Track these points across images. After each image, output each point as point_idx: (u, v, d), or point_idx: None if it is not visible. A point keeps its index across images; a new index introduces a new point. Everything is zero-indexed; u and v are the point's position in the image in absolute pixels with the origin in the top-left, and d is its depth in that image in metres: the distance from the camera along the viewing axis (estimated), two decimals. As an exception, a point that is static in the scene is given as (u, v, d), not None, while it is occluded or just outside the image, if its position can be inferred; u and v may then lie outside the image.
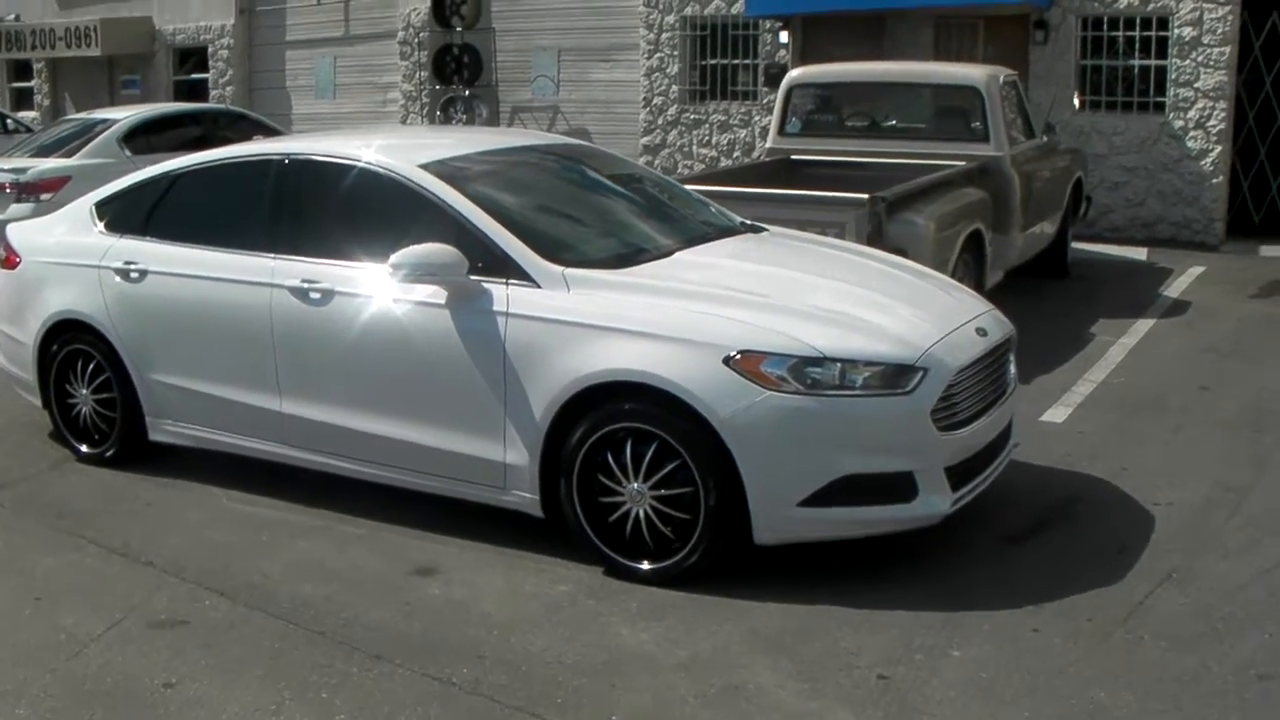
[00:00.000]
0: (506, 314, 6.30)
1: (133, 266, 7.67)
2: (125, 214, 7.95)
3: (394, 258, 6.35)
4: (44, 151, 15.40)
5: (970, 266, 10.42)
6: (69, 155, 14.97)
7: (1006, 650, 5.43)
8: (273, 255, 7.08)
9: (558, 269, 6.32)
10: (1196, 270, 14.00)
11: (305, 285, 6.90)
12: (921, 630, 5.60)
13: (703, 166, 18.78)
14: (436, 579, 6.25)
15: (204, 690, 5.18)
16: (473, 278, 6.37)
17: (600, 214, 7.43)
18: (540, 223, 6.83)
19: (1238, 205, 16.22)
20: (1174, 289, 13.10)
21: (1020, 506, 7.02)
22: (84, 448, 8.13)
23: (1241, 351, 10.48)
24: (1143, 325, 11.44)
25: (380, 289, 6.64)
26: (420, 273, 6.36)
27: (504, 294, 6.34)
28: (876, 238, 9.20)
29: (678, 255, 6.90)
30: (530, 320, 6.26)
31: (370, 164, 6.97)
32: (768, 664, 5.34)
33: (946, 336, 6.30)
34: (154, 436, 7.82)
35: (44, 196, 14.20)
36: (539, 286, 6.29)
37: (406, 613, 5.86)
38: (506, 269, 6.36)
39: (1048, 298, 12.25)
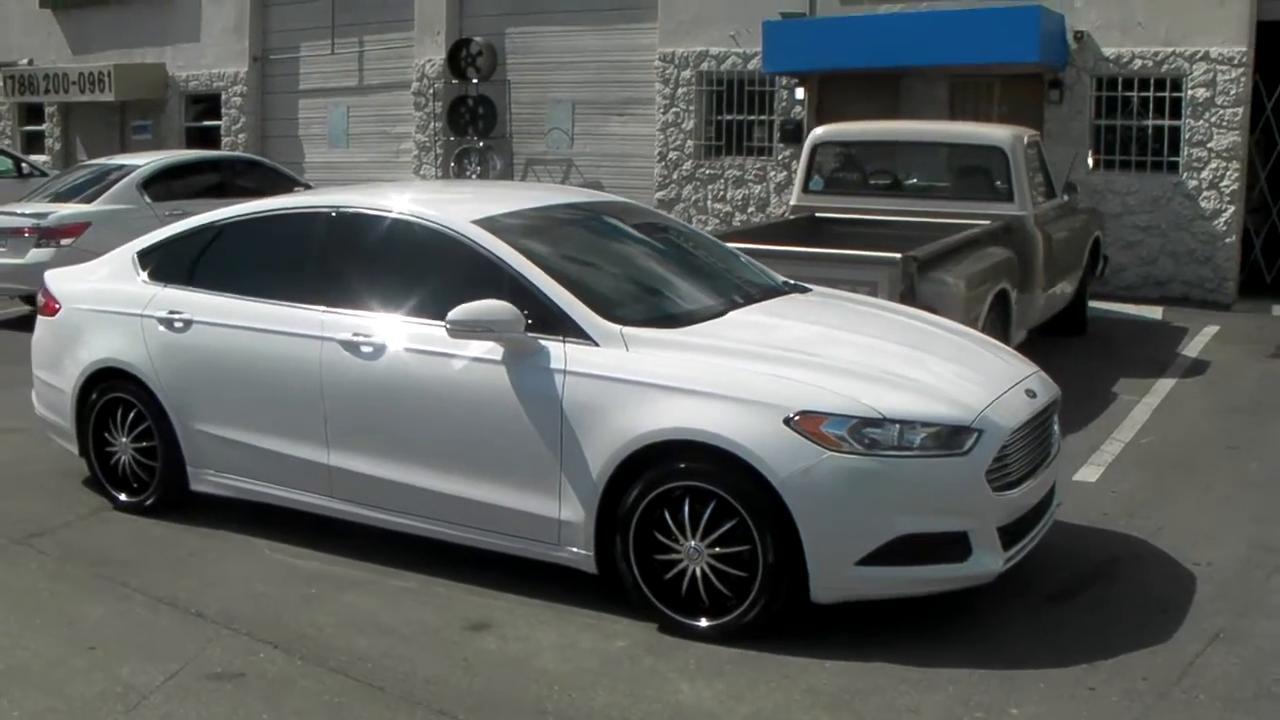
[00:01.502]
0: (565, 371, 6.32)
1: (177, 316, 7.69)
2: (169, 263, 7.98)
3: (452, 314, 6.37)
4: (62, 197, 15.44)
5: (996, 326, 10.46)
6: (88, 200, 15.00)
7: (1065, 708, 5.45)
8: (323, 308, 7.11)
9: (616, 328, 6.37)
10: (1212, 329, 14.06)
11: (357, 339, 6.92)
12: (978, 688, 5.62)
13: (717, 221, 18.85)
14: (491, 634, 6.23)
15: (268, 743, 5.09)
16: (530, 335, 6.39)
17: (651, 272, 7.48)
18: (595, 281, 6.87)
19: (1249, 265, 16.29)
20: (1191, 348, 13.17)
21: (1062, 565, 7.04)
22: (122, 496, 8.11)
23: (1265, 411, 10.57)
24: (1164, 384, 11.49)
25: (434, 344, 6.66)
26: (478, 329, 6.39)
27: (561, 351, 6.37)
28: (909, 296, 9.25)
29: (731, 315, 6.96)
30: (589, 378, 6.27)
31: (423, 219, 7.00)
32: (829, 721, 5.29)
33: (999, 398, 6.35)
34: (195, 486, 7.79)
35: (64, 241, 14.25)
36: (597, 345, 6.33)
37: (465, 668, 5.85)
38: (564, 327, 6.40)
39: (1068, 356, 12.30)
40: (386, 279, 7.06)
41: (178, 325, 7.64)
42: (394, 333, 6.82)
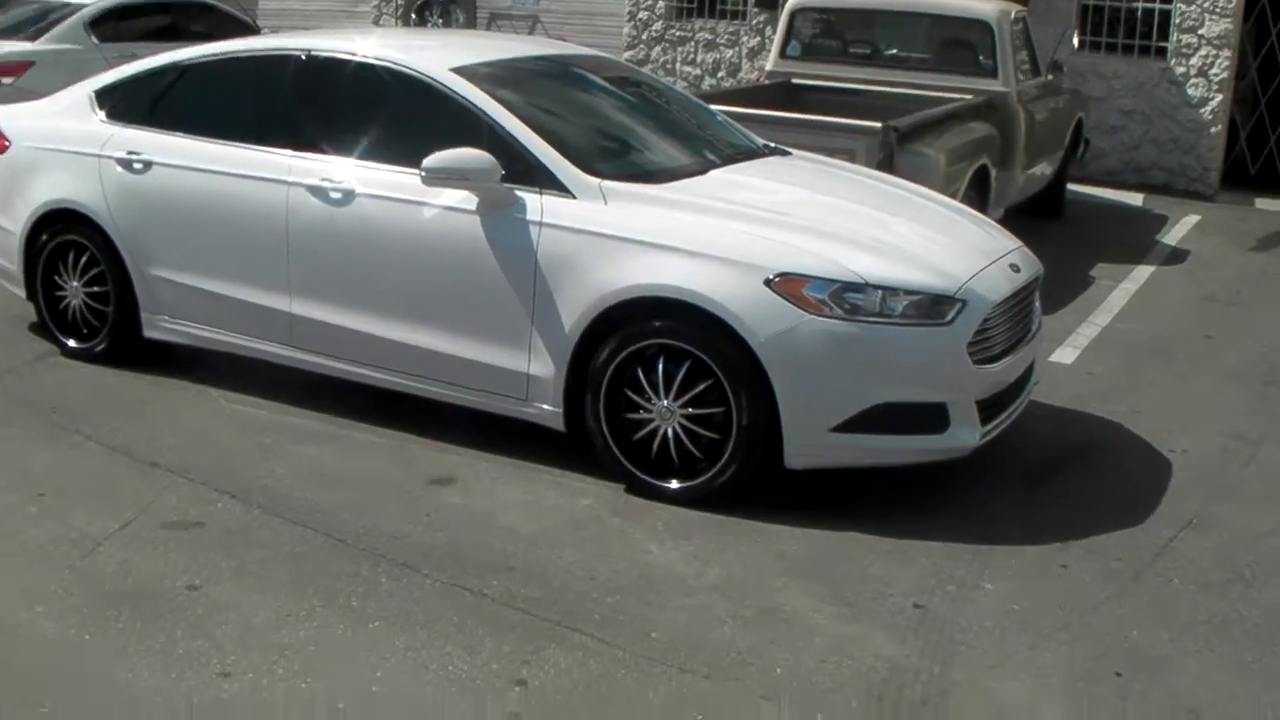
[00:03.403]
0: (540, 223, 6.35)
1: (136, 157, 7.59)
2: (129, 103, 7.82)
3: (427, 161, 6.36)
4: (3, 35, 15.07)
5: (974, 202, 10.44)
6: (31, 39, 14.66)
7: (1038, 585, 5.56)
8: (291, 152, 7.06)
9: (594, 181, 6.38)
10: (1193, 219, 14.14)
11: (325, 184, 6.90)
12: (951, 562, 5.73)
13: (685, 85, 18.74)
14: (455, 489, 6.30)
15: (230, 594, 5.21)
16: (506, 185, 6.39)
17: (629, 128, 7.46)
18: (573, 133, 6.86)
19: (1233, 156, 16.34)
20: (1171, 237, 13.25)
21: (1037, 446, 7.14)
22: (71, 342, 8.03)
23: (1243, 303, 10.67)
24: (1143, 271, 11.59)
25: (406, 191, 6.65)
26: (453, 177, 6.39)
27: (538, 203, 6.38)
28: (887, 167, 9.23)
29: (712, 174, 6.98)
30: (565, 231, 6.30)
31: (399, 65, 6.97)
32: (801, 588, 5.45)
33: (983, 270, 6.41)
34: (149, 333, 7.73)
35: (5, 80, 13.95)
36: (574, 197, 6.34)
37: (428, 523, 5.92)
38: (541, 178, 6.41)
39: (1045, 239, 12.04)
40: (358, 125, 7.03)
41: (136, 166, 7.58)
42: (364, 179, 6.82)
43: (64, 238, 7.93)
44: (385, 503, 6.10)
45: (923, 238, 6.62)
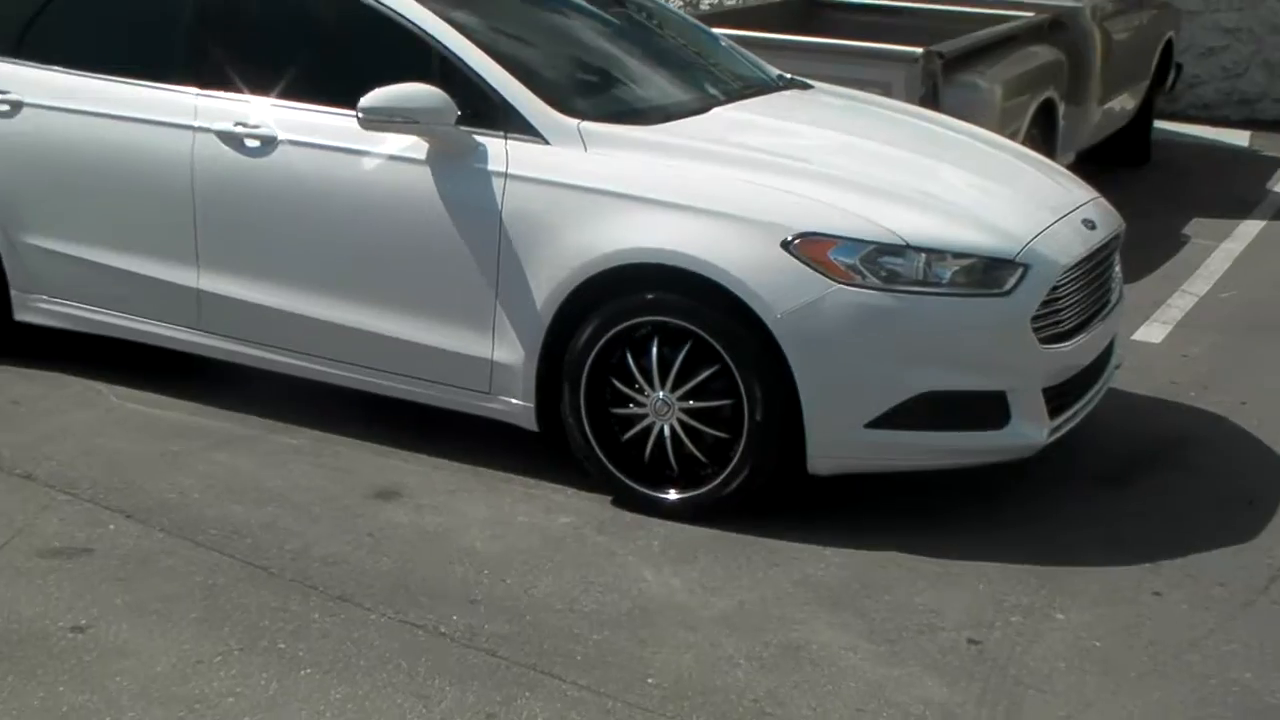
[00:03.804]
0: (505, 175, 6.35)
1: (3, 97, 7.52)
2: (-8, 30, 7.72)
3: (365, 99, 6.33)
4: None
5: (1037, 145, 10.41)
6: None
7: (1123, 616, 5.54)
8: (197, 90, 7.05)
9: (572, 122, 6.38)
10: (1313, 162, 14.06)
11: (240, 130, 6.88)
12: (1014, 588, 5.72)
13: (682, 4, 18.67)
14: (402, 504, 6.31)
15: (126, 636, 5.16)
16: (463, 128, 6.38)
17: (615, 58, 7.47)
18: (546, 65, 6.90)
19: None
20: (1285, 184, 13.18)
21: (1120, 444, 7.17)
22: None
23: (1376, 265, 10.57)
24: (1249, 228, 11.59)
25: (339, 137, 6.66)
26: (397, 118, 6.36)
27: (502, 150, 6.38)
28: (929, 102, 9.24)
29: (716, 112, 7.01)
30: (535, 184, 6.31)
31: (333, -18, 6.95)
32: (830, 620, 5.45)
33: (1050, 227, 6.41)
34: (21, 316, 7.68)
35: None
36: (547, 143, 6.35)
37: (370, 545, 5.92)
38: (506, 120, 6.41)
39: (1127, 189, 12.02)
40: (280, 56, 7.03)
41: (2, 109, 7.51)
42: (288, 123, 6.80)
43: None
44: (317, 521, 6.10)
45: (975, 188, 6.64)
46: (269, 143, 6.90)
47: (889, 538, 6.07)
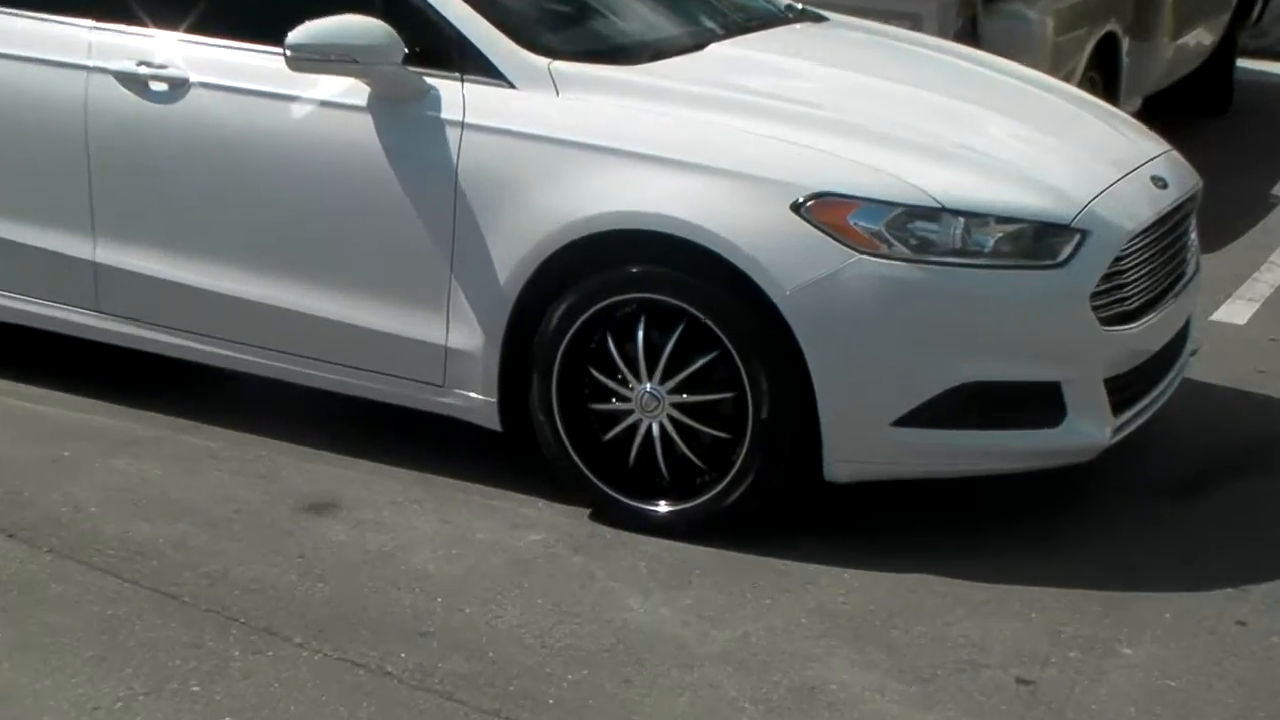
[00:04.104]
0: (461, 124, 6.30)
1: None
2: None
3: (294, 34, 6.28)
4: None
5: (1097, 88, 10.40)
6: None
7: (1202, 650, 5.48)
8: (91, 22, 6.97)
9: (542, 62, 6.35)
10: None
11: (143, 71, 6.82)
12: (1071, 617, 5.66)
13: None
14: (340, 518, 6.28)
15: (7, 677, 5.10)
16: (411, 69, 6.34)
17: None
18: (513, -6, 6.70)
19: None
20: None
21: (1197, 445, 7.14)
22: None
23: None
24: (1350, 186, 11.49)
25: (263, 80, 6.62)
26: (332, 56, 6.31)
27: (458, 95, 6.34)
28: (968, 38, 9.23)
29: (712, 49, 6.97)
30: (498, 135, 6.27)
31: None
32: (852, 656, 5.40)
33: (1113, 186, 6.35)
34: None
35: None
36: (512, 86, 6.32)
37: (302, 567, 5.89)
38: (462, 59, 6.37)
39: (1205, 141, 12.10)
40: (195, -16, 6.78)
41: None
42: (201, 62, 6.76)
43: None
44: (238, 539, 6.06)
45: (1023, 140, 6.62)
46: (178, 86, 6.84)
47: (921, 558, 6.04)
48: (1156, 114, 10.61)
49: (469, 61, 6.37)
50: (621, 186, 6.10)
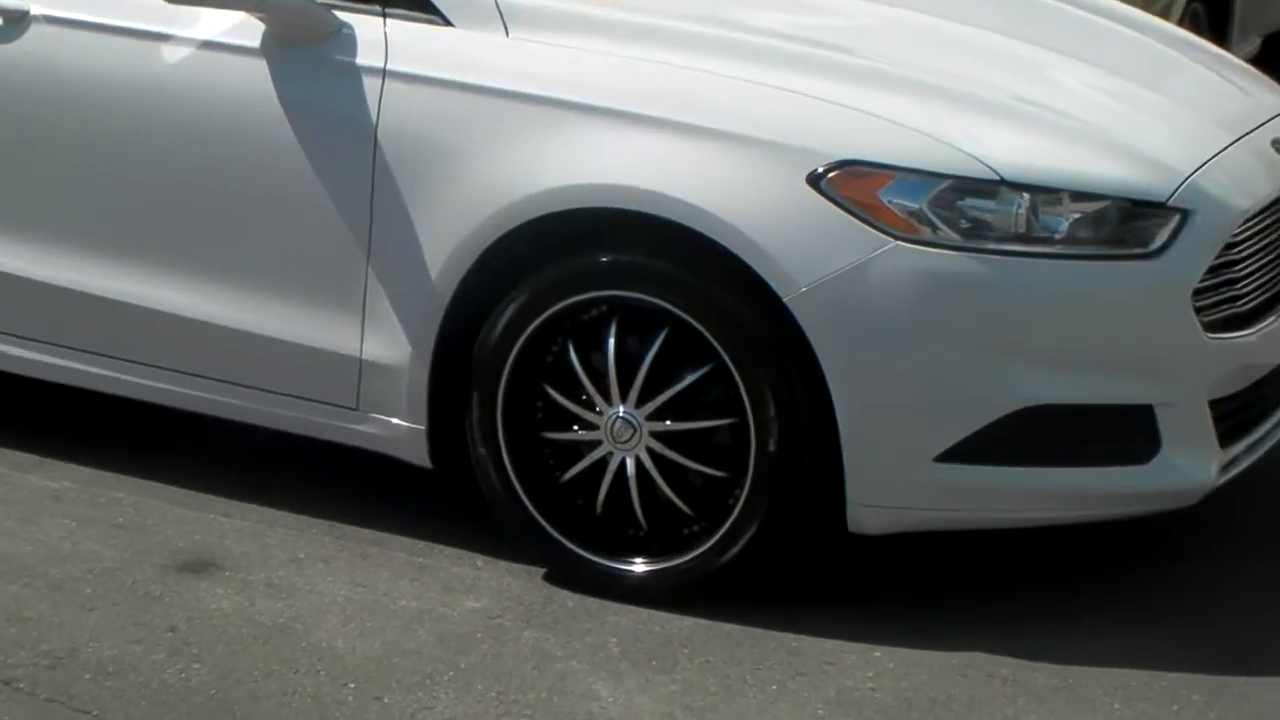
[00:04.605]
0: (383, 72, 6.34)
1: None
2: None
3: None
4: None
5: (1201, 26, 10.40)
6: None
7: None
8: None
9: (487, -9, 6.23)
10: None
11: (-31, 1, 6.74)
12: (1167, 710, 5.65)
13: None
14: (222, 581, 6.31)
15: None
16: (319, 0, 6.40)
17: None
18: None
19: None
20: None
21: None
22: None
23: None
24: None
25: (128, 14, 6.67)
26: (213, -16, 6.20)
27: (379, 34, 6.40)
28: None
29: (707, -26, 6.92)
30: (430, 86, 6.32)
31: None
32: (888, 763, 5.41)
33: (1223, 153, 6.37)
34: None
35: None
36: (448, 23, 6.38)
37: (173, 645, 5.87)
38: (385, -12, 6.27)
39: None
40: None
41: None
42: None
43: None
44: (90, 608, 6.06)
45: (1108, 94, 6.67)
46: (16, 21, 6.90)
47: (969, 631, 6.05)
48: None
49: (392, -8, 6.26)
50: (588, 153, 6.12)
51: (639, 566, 6.23)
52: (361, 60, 6.36)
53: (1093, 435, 6.04)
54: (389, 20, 6.42)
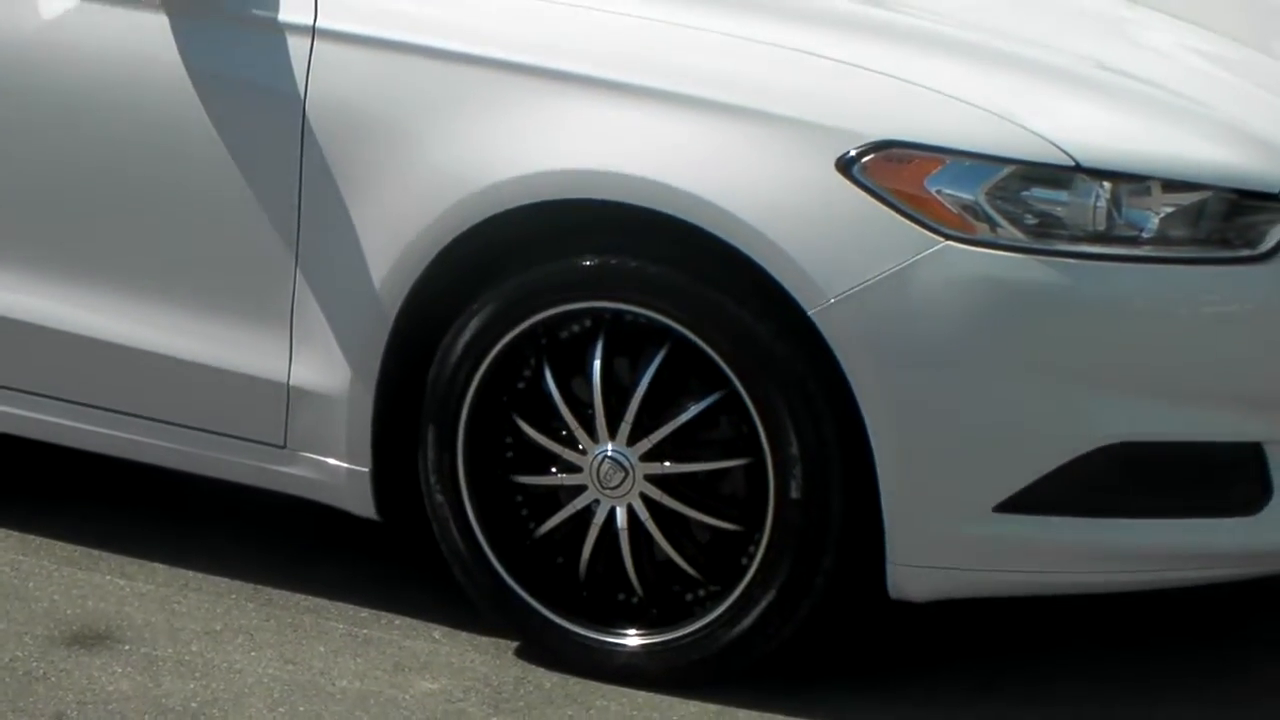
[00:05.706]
0: (312, 30, 5.91)
1: None
2: None
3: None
4: None
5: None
6: None
7: None
8: None
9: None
10: None
11: None
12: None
13: None
14: (120, 657, 5.88)
15: None
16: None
17: None
18: None
19: None
20: None
21: None
22: None
23: None
24: None
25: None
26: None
27: (306, -14, 6.00)
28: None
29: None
30: (369, 49, 5.91)
31: None
32: None
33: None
34: None
35: None
36: (393, -27, 5.97)
37: (61, 738, 5.50)
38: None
39: None
40: None
41: None
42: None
43: None
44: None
45: (1210, 62, 6.45)
46: None
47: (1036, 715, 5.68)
48: None
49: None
50: (569, 132, 5.70)
51: (631, 640, 5.82)
52: (285, 16, 6.00)
53: (1188, 479, 5.59)
54: (321, -31, 6.13)
